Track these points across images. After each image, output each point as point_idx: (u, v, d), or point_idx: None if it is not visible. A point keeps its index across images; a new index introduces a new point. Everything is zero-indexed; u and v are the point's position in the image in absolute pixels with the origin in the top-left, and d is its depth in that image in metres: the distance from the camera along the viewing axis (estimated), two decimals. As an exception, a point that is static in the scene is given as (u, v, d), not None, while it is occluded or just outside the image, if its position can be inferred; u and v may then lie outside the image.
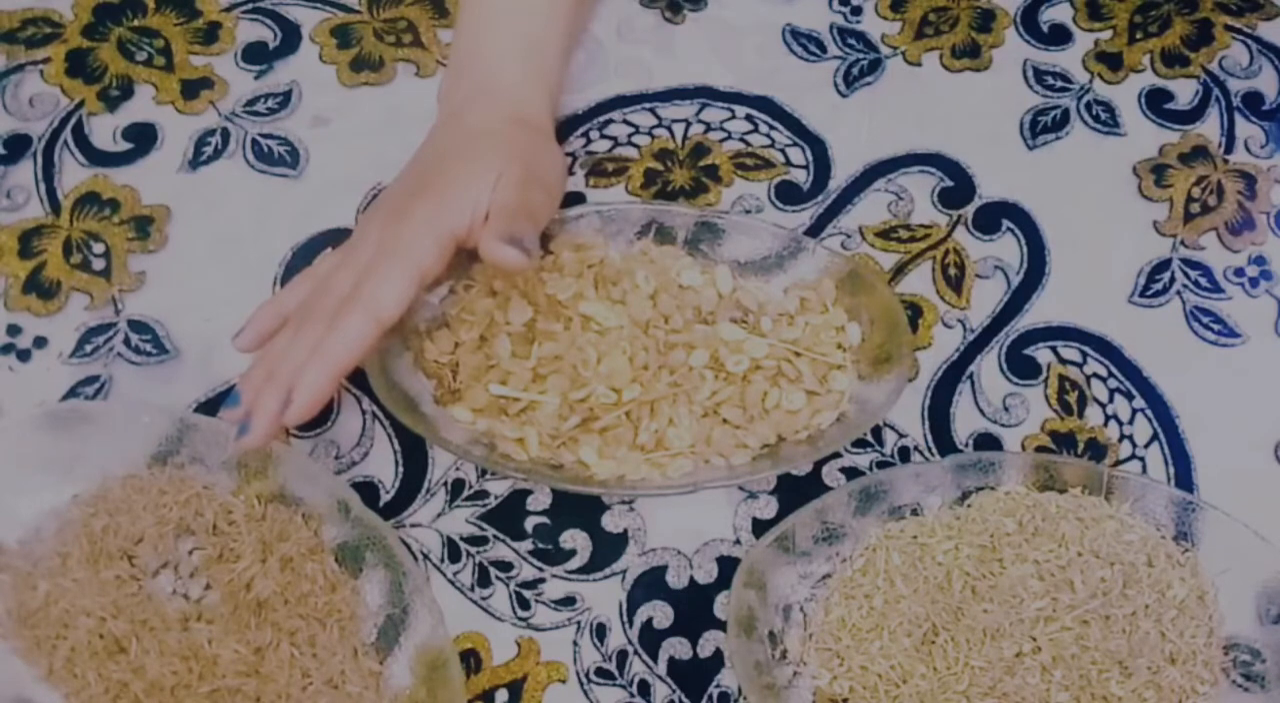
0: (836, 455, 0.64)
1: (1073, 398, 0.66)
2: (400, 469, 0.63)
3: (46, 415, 0.60)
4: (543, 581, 0.61)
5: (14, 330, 0.66)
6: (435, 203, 0.61)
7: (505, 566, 0.61)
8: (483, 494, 0.63)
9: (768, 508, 0.63)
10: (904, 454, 0.64)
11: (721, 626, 0.60)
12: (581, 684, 0.59)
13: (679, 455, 0.62)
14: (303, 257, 0.68)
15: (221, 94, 0.73)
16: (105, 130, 0.72)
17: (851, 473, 0.64)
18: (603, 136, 0.73)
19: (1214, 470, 0.64)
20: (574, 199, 0.70)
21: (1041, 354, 0.67)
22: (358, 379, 0.64)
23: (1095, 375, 0.66)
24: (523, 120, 0.65)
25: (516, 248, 0.59)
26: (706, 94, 0.74)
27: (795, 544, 0.60)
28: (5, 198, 0.69)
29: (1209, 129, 0.73)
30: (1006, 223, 0.70)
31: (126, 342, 0.66)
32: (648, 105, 0.74)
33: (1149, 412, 0.65)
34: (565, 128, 0.73)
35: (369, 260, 0.59)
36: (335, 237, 0.69)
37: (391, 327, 0.58)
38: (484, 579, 0.61)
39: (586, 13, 0.75)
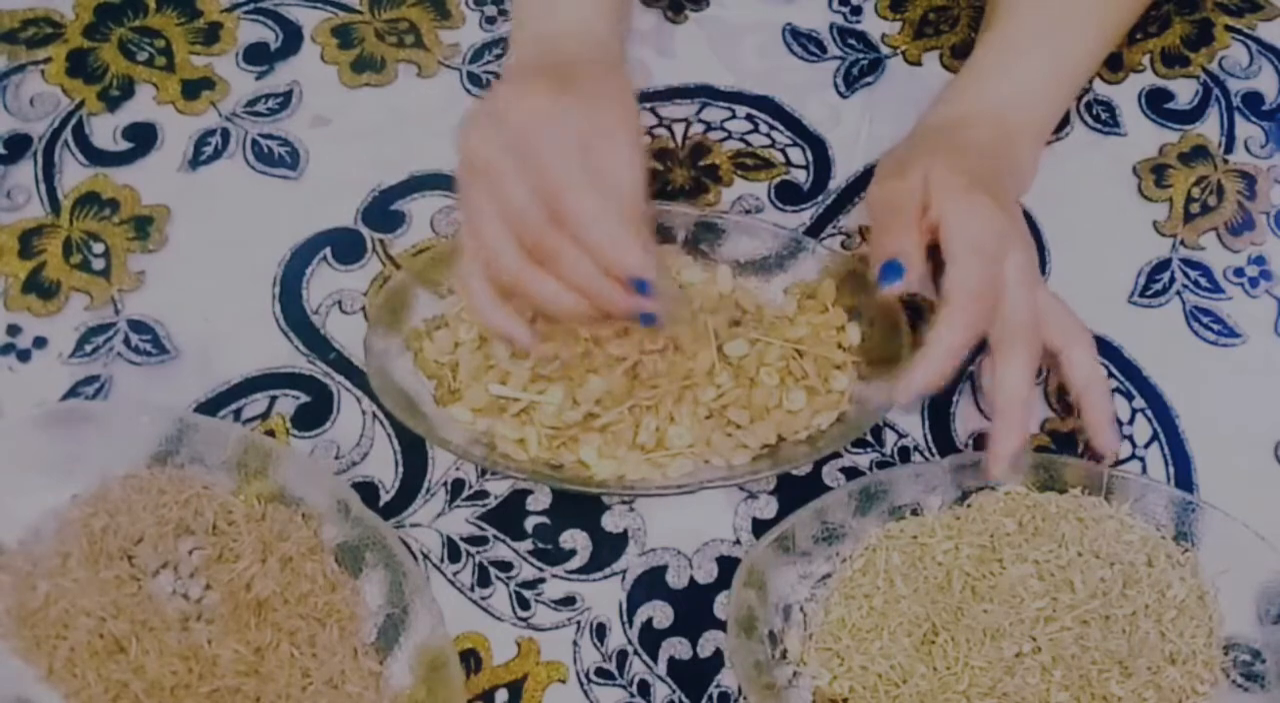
0: (836, 455, 0.64)
1: (1073, 398, 0.65)
2: (400, 469, 0.63)
3: (46, 415, 0.60)
4: (543, 581, 0.61)
5: (14, 330, 0.66)
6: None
7: (505, 566, 0.61)
8: (483, 494, 0.63)
9: (768, 508, 0.63)
10: (904, 454, 0.64)
11: (721, 626, 0.60)
12: (581, 684, 0.59)
13: (679, 455, 0.62)
14: (302, 257, 0.68)
15: (222, 94, 0.73)
16: (105, 130, 0.72)
17: (851, 473, 0.64)
18: (603, 137, 0.73)
19: (1214, 470, 0.64)
20: (574, 199, 0.70)
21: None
22: (358, 379, 0.64)
23: (1095, 375, 0.66)
24: (612, 63, 0.64)
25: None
26: (706, 94, 0.74)
27: (795, 544, 0.60)
28: (5, 198, 0.69)
29: (1209, 129, 0.73)
30: (1006, 223, 0.70)
31: (126, 342, 0.66)
32: (648, 105, 0.74)
33: (1149, 412, 0.65)
34: (565, 128, 0.73)
35: (570, 138, 0.54)
36: (335, 237, 0.69)
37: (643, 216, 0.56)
38: (484, 579, 0.61)
39: None
